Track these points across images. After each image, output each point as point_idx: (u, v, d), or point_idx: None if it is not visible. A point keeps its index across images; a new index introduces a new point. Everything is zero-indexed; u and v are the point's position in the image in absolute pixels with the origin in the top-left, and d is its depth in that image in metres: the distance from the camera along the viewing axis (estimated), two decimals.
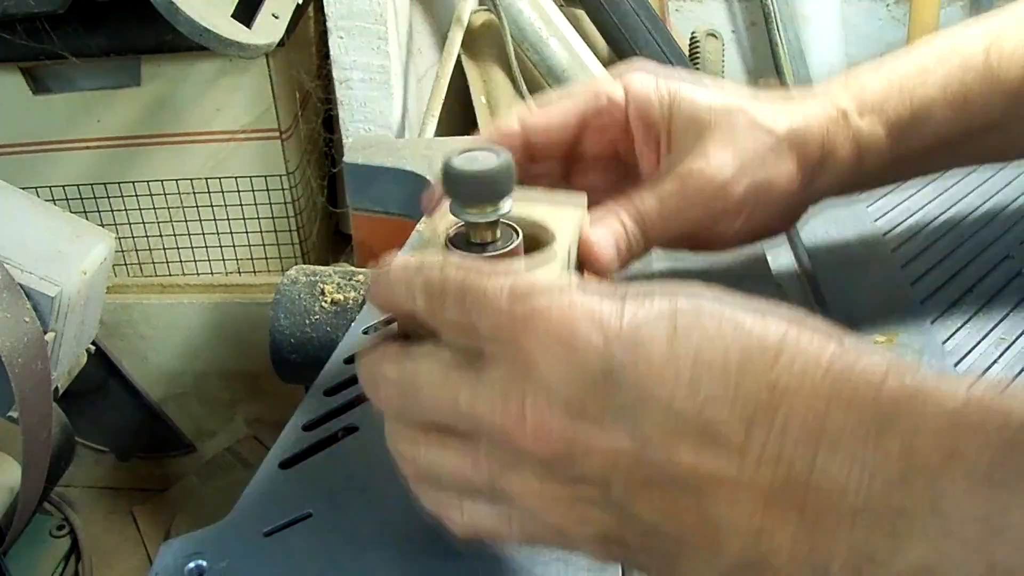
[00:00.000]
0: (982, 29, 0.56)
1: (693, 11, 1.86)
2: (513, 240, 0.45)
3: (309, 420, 0.53)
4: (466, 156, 0.42)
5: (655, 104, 0.50)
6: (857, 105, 0.52)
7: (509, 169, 0.42)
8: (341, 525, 0.44)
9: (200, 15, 0.98)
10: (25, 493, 0.92)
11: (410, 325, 0.38)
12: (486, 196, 0.42)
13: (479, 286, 0.34)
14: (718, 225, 0.50)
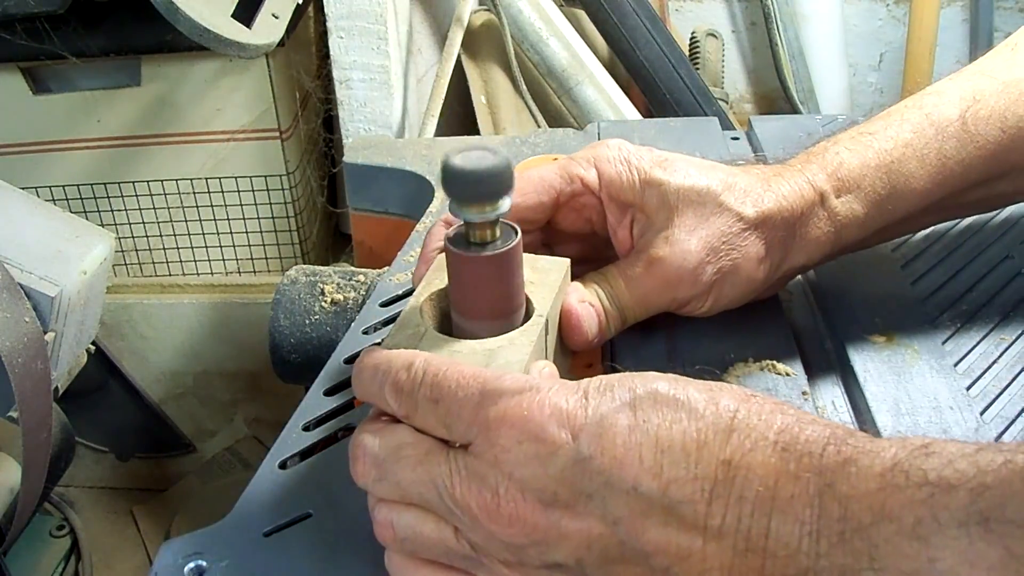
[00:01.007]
0: (959, 94, 0.57)
1: (693, 11, 1.86)
2: (512, 239, 0.45)
3: (309, 420, 0.53)
4: (465, 155, 0.42)
5: (626, 187, 0.52)
6: (834, 186, 0.53)
7: (508, 168, 0.42)
8: (341, 525, 0.44)
9: (200, 15, 0.98)
10: (25, 493, 0.92)
11: None
12: (485, 195, 0.42)
13: (451, 393, 0.37)
14: (689, 305, 0.52)
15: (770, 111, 1.89)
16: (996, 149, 0.54)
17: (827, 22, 1.73)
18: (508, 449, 0.35)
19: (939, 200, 0.55)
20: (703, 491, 0.32)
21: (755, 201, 0.51)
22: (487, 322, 0.47)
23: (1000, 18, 1.74)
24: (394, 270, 0.68)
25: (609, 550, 0.34)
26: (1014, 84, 0.56)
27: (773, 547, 0.32)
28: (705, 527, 0.32)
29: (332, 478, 0.47)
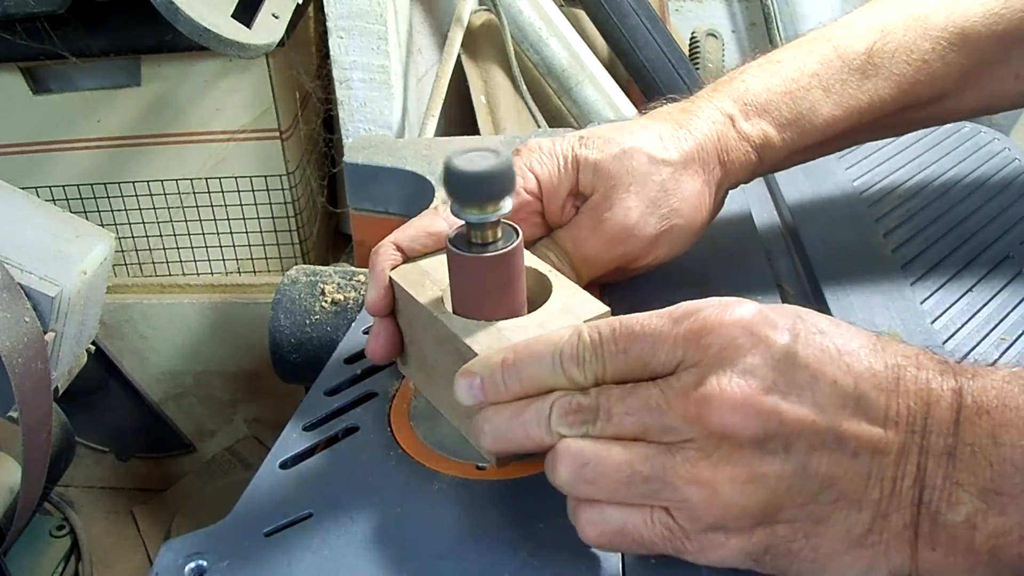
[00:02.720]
0: (867, 27, 0.59)
1: (693, 11, 1.86)
2: (513, 240, 0.45)
3: (309, 420, 0.53)
4: (466, 156, 0.42)
5: (562, 177, 0.54)
6: (742, 109, 0.56)
7: (510, 169, 0.42)
8: (341, 525, 0.44)
9: (200, 15, 0.98)
10: (25, 493, 0.92)
11: None
12: (486, 196, 0.42)
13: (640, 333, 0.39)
14: (644, 258, 0.56)
15: None
16: (902, 81, 0.58)
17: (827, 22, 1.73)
18: (726, 346, 0.37)
19: (848, 127, 0.58)
20: (880, 387, 0.37)
21: (675, 144, 0.54)
22: None
23: None
24: None
25: (814, 437, 0.36)
26: (921, 18, 0.58)
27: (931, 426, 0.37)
28: (885, 417, 0.37)
29: (332, 478, 0.47)
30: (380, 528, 0.44)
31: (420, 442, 0.49)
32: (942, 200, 0.73)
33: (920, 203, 0.73)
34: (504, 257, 0.45)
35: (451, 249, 0.45)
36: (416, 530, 0.44)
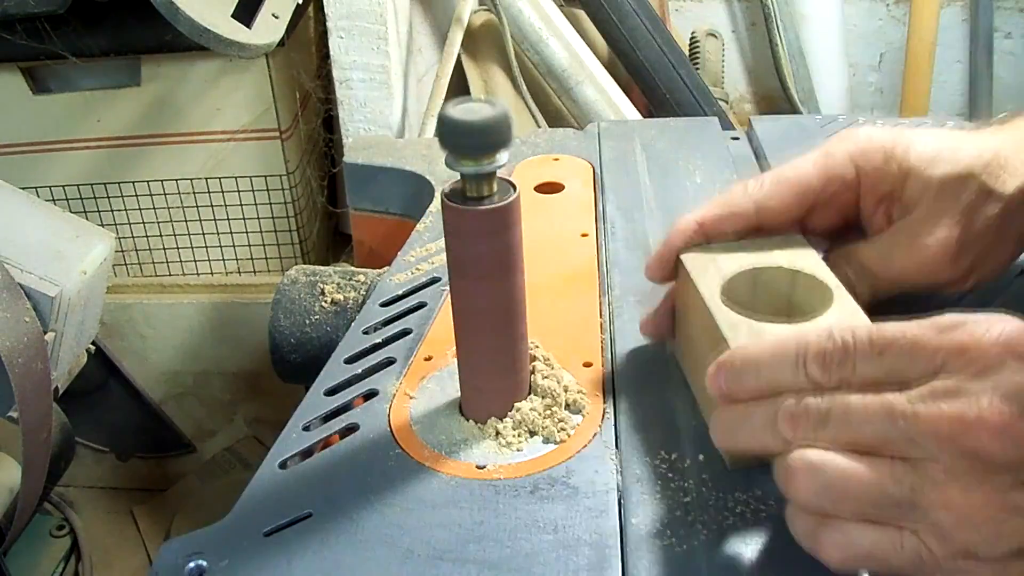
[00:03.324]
0: None
1: (693, 11, 1.86)
2: (510, 194, 0.44)
3: (309, 420, 0.53)
4: (462, 107, 0.41)
5: (887, 181, 0.51)
6: None
7: (505, 120, 0.41)
8: (341, 525, 0.44)
9: (200, 15, 0.98)
10: (25, 493, 0.92)
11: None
12: (482, 147, 0.41)
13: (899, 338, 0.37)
14: (947, 286, 0.51)
15: (770, 111, 1.88)
16: None
17: (827, 22, 1.73)
18: (991, 365, 0.35)
19: None
20: None
21: (1013, 173, 0.50)
22: (484, 282, 0.45)
23: (1000, 18, 1.74)
24: (394, 270, 0.68)
25: None
26: None
27: None
28: None
29: (332, 478, 0.47)
30: (380, 528, 0.44)
31: (420, 442, 0.49)
32: None
33: None
34: (500, 211, 0.43)
35: (446, 202, 0.44)
36: (416, 530, 0.44)
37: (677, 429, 0.50)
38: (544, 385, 0.51)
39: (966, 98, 1.80)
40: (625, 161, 0.82)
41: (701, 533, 0.43)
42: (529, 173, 0.80)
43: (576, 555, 0.42)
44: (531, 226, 0.63)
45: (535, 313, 0.50)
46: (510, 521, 0.44)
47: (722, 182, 0.77)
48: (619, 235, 0.70)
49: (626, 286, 0.63)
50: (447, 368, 0.55)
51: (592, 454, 0.48)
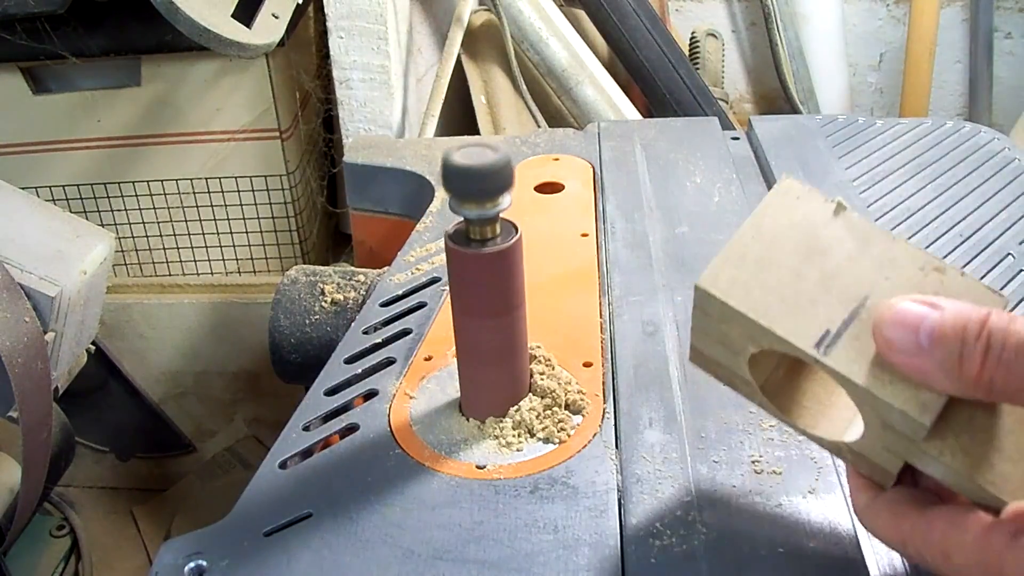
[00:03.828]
0: None
1: (693, 11, 1.86)
2: (512, 236, 0.45)
3: (309, 420, 0.53)
4: (465, 151, 0.41)
5: None
6: None
7: (508, 165, 0.41)
8: (341, 525, 0.44)
9: (200, 15, 0.98)
10: (25, 493, 0.92)
11: None
12: (485, 192, 0.42)
13: None
14: None
15: (770, 111, 1.89)
16: None
17: (827, 22, 1.73)
18: None
19: None
20: None
21: None
22: (487, 320, 0.46)
23: (1000, 18, 1.74)
24: (394, 270, 0.68)
25: None
26: None
27: None
28: None
29: (332, 478, 0.47)
30: (380, 528, 0.44)
31: (420, 442, 0.49)
32: (941, 199, 0.73)
33: (919, 202, 0.73)
34: (503, 253, 0.44)
35: (449, 245, 0.45)
36: (416, 530, 0.44)
37: (677, 429, 0.50)
38: (544, 385, 0.51)
39: (966, 98, 1.80)
40: (625, 161, 0.82)
41: (701, 533, 0.43)
42: (529, 173, 0.80)
43: (576, 555, 0.42)
44: (531, 226, 0.63)
45: (535, 313, 0.50)
46: (510, 521, 0.44)
47: (722, 182, 0.77)
48: (619, 235, 0.70)
49: (626, 286, 0.63)
50: (447, 368, 0.55)
51: (592, 454, 0.48)
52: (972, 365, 0.32)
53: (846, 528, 0.43)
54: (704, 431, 0.49)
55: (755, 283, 0.37)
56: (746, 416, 0.50)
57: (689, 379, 0.53)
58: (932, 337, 0.33)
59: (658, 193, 0.76)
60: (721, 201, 0.74)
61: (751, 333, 0.37)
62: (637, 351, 0.56)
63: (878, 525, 0.37)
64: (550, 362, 0.53)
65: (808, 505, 0.44)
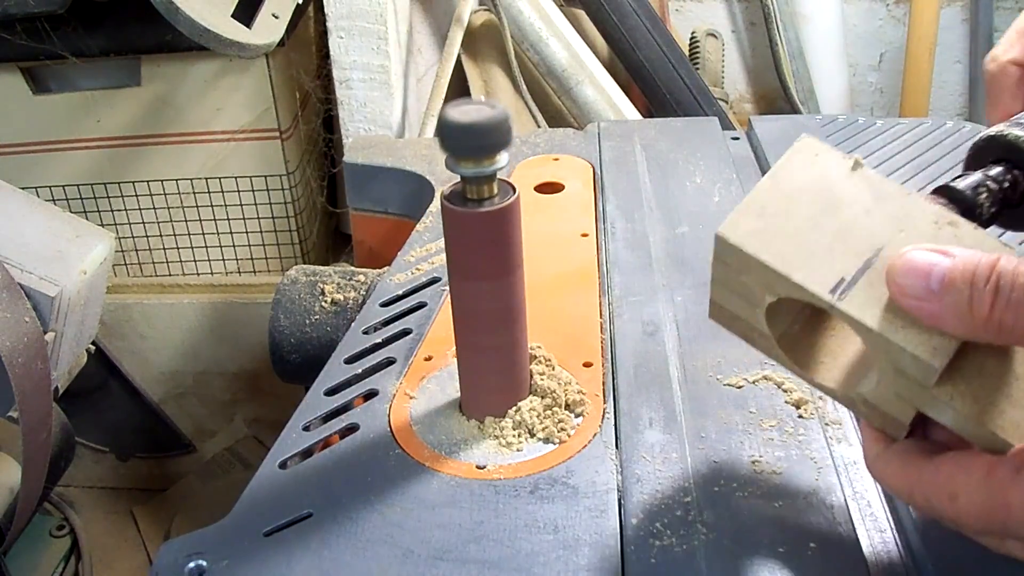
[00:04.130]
0: None
1: (693, 11, 1.86)
2: (510, 195, 0.44)
3: (309, 420, 0.53)
4: (462, 108, 0.41)
5: None
6: None
7: (505, 122, 0.41)
8: (341, 525, 0.44)
9: (200, 15, 0.98)
10: (25, 493, 0.92)
11: None
12: (482, 148, 0.41)
13: None
14: None
15: (770, 111, 1.89)
16: None
17: (827, 22, 1.73)
18: None
19: None
20: None
21: None
22: (485, 282, 0.46)
23: (1000, 18, 1.74)
24: (394, 270, 0.68)
25: None
26: None
27: None
28: None
29: (332, 478, 0.47)
30: (380, 528, 0.44)
31: (420, 442, 0.49)
32: None
33: None
34: (501, 212, 0.44)
35: (446, 205, 0.44)
36: (416, 530, 0.44)
37: (677, 429, 0.50)
38: (544, 385, 0.51)
39: (966, 98, 1.80)
40: (625, 161, 0.82)
41: (701, 533, 0.43)
42: (529, 173, 0.80)
43: (576, 555, 0.42)
44: (531, 226, 0.63)
45: (535, 313, 0.50)
46: (510, 521, 0.44)
47: (722, 182, 0.77)
48: (619, 235, 0.70)
49: (626, 286, 0.63)
50: (447, 368, 0.55)
51: (592, 454, 0.48)
52: (982, 307, 0.33)
53: (846, 528, 0.43)
54: (704, 431, 0.49)
55: (773, 233, 0.38)
56: (746, 416, 0.50)
57: (689, 379, 0.53)
58: (943, 281, 0.34)
59: (658, 193, 0.76)
60: (721, 201, 0.74)
61: (768, 281, 0.38)
62: (637, 351, 0.56)
63: (888, 474, 0.38)
64: (550, 362, 0.53)
65: (808, 505, 0.44)
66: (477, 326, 0.47)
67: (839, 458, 0.48)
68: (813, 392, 0.52)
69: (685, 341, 0.57)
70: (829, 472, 0.46)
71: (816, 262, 0.37)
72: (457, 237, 0.45)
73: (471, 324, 0.47)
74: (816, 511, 0.44)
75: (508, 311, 0.47)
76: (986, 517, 0.34)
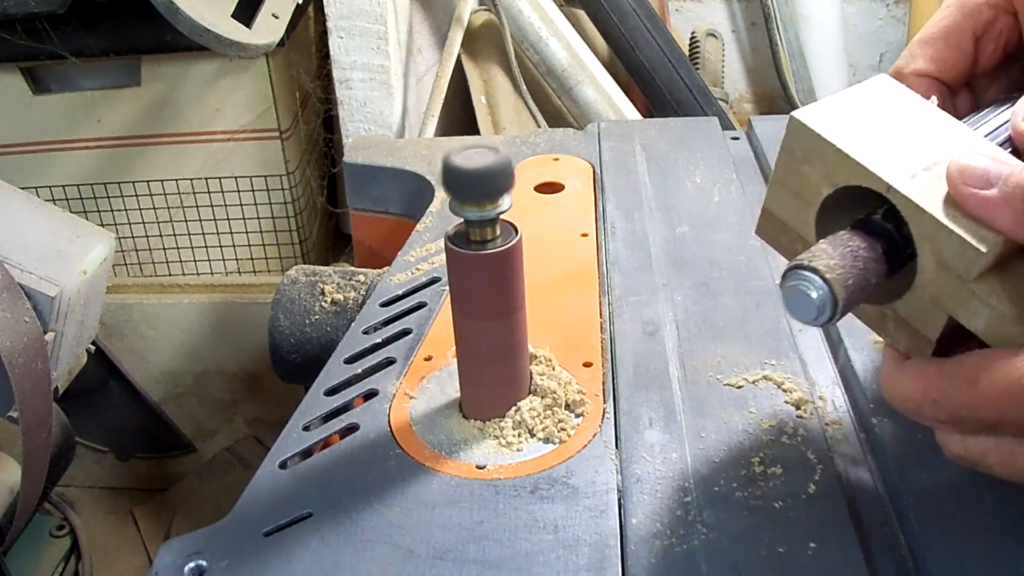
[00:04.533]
0: None
1: (693, 11, 1.86)
2: (512, 237, 0.45)
3: (309, 420, 0.53)
4: (465, 154, 0.42)
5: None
6: None
7: (508, 167, 0.42)
8: (341, 525, 0.44)
9: (200, 15, 0.98)
10: (25, 493, 0.91)
11: None
12: (485, 194, 0.42)
13: None
14: None
15: (770, 111, 1.89)
16: None
17: (827, 22, 1.73)
18: None
19: None
20: None
21: None
22: (487, 322, 0.47)
23: None
24: (394, 270, 0.68)
25: None
26: None
27: None
28: None
29: (332, 478, 0.47)
30: (380, 528, 0.44)
31: (420, 442, 0.49)
32: None
33: None
34: (503, 255, 0.45)
35: (449, 246, 0.45)
36: (416, 530, 0.44)
37: (677, 429, 0.50)
38: (544, 385, 0.51)
39: None
40: (625, 161, 0.82)
41: (701, 533, 0.43)
42: (529, 173, 0.80)
43: (576, 555, 0.42)
44: (531, 226, 0.63)
45: (535, 313, 0.50)
46: (510, 521, 0.44)
47: (722, 182, 0.77)
48: (619, 235, 0.70)
49: (626, 286, 0.63)
50: (447, 368, 0.55)
51: (592, 454, 0.48)
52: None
53: (846, 528, 0.43)
54: (704, 431, 0.49)
55: (844, 125, 0.41)
56: (746, 416, 0.50)
57: (689, 379, 0.53)
58: (1002, 176, 0.36)
59: (658, 193, 0.76)
60: (721, 201, 0.74)
61: (831, 171, 0.40)
62: (637, 351, 0.56)
63: (903, 383, 0.39)
64: (550, 362, 0.53)
65: (808, 505, 0.44)
66: (480, 360, 0.49)
67: (839, 458, 0.48)
68: (813, 392, 0.52)
69: (685, 341, 0.57)
70: (829, 472, 0.46)
71: (881, 154, 0.39)
72: (460, 277, 0.46)
73: (474, 358, 0.49)
74: (816, 511, 0.44)
75: (510, 347, 0.48)
76: (1007, 399, 0.35)
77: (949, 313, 0.38)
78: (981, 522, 0.43)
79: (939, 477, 0.45)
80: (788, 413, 0.51)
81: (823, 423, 0.50)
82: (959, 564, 0.41)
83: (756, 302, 0.60)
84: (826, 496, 0.45)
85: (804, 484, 0.46)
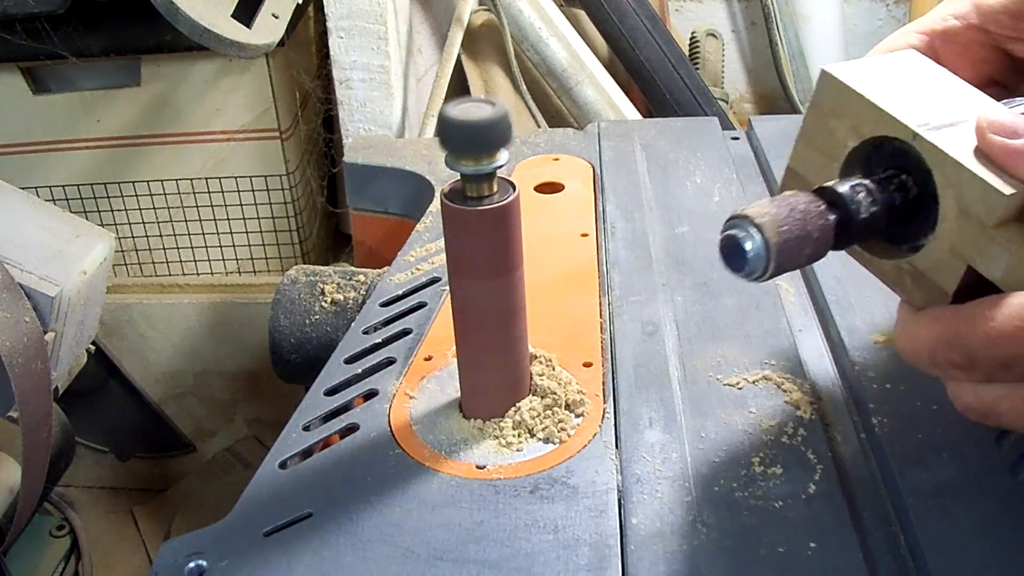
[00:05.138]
0: None
1: (693, 11, 1.86)
2: (510, 193, 0.44)
3: (309, 420, 0.53)
4: (463, 107, 0.41)
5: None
6: None
7: (505, 119, 0.41)
8: (341, 525, 0.44)
9: (200, 15, 0.98)
10: (25, 493, 0.91)
11: None
12: (482, 146, 0.41)
13: None
14: None
15: (770, 111, 1.88)
16: None
17: (827, 22, 1.73)
18: None
19: None
20: None
21: None
22: (484, 281, 0.45)
23: None
24: (394, 270, 0.68)
25: None
26: None
27: None
28: None
29: (332, 478, 0.47)
30: (380, 528, 0.44)
31: (420, 442, 0.49)
32: None
33: None
34: (500, 211, 0.44)
35: (445, 203, 0.44)
36: (416, 530, 0.44)
37: (677, 429, 0.50)
38: (544, 385, 0.51)
39: None
40: (625, 161, 0.82)
41: (701, 533, 0.43)
42: (529, 173, 0.80)
43: (576, 555, 0.42)
44: (531, 226, 0.63)
45: (535, 313, 0.50)
46: (510, 521, 0.44)
47: (722, 182, 0.77)
48: (619, 235, 0.70)
49: (626, 286, 0.63)
50: (447, 368, 0.55)
51: (592, 454, 0.48)
52: None
53: (846, 528, 0.43)
54: (704, 431, 0.49)
55: (874, 81, 0.42)
56: (746, 416, 0.50)
57: (689, 379, 0.53)
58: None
59: (658, 193, 0.76)
60: (721, 201, 0.74)
61: (857, 122, 0.41)
62: (637, 351, 0.56)
63: (918, 329, 0.40)
64: (550, 362, 0.53)
65: (808, 505, 0.44)
66: (477, 325, 0.47)
67: (839, 458, 0.48)
68: (813, 392, 0.52)
69: (685, 341, 0.57)
70: (829, 472, 0.46)
71: (909, 108, 0.40)
72: (457, 235, 0.45)
73: (471, 323, 0.47)
74: (816, 511, 0.44)
75: (508, 310, 0.47)
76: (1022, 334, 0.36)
77: (968, 262, 0.38)
78: (981, 522, 0.43)
79: (939, 477, 0.45)
80: (788, 413, 0.51)
81: (823, 423, 0.50)
82: (959, 564, 0.41)
83: (756, 302, 0.60)
84: (826, 496, 0.45)
85: (804, 484, 0.46)
